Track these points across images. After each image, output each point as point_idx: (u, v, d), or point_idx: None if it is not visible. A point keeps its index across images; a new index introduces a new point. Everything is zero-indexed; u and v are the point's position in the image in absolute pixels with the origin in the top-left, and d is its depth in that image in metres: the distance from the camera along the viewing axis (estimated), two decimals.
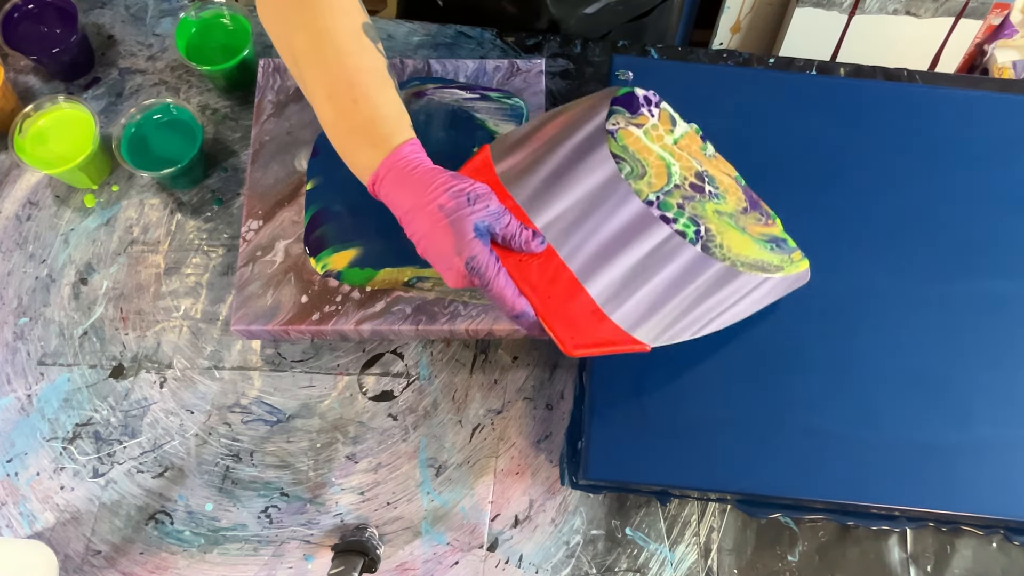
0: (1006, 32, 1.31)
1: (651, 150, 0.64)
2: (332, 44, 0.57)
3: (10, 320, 0.69)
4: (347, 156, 0.58)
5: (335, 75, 0.57)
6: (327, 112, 0.58)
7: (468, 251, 0.54)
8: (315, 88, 0.58)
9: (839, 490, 0.61)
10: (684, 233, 0.61)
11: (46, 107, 0.71)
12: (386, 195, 0.57)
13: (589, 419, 0.62)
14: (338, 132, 0.58)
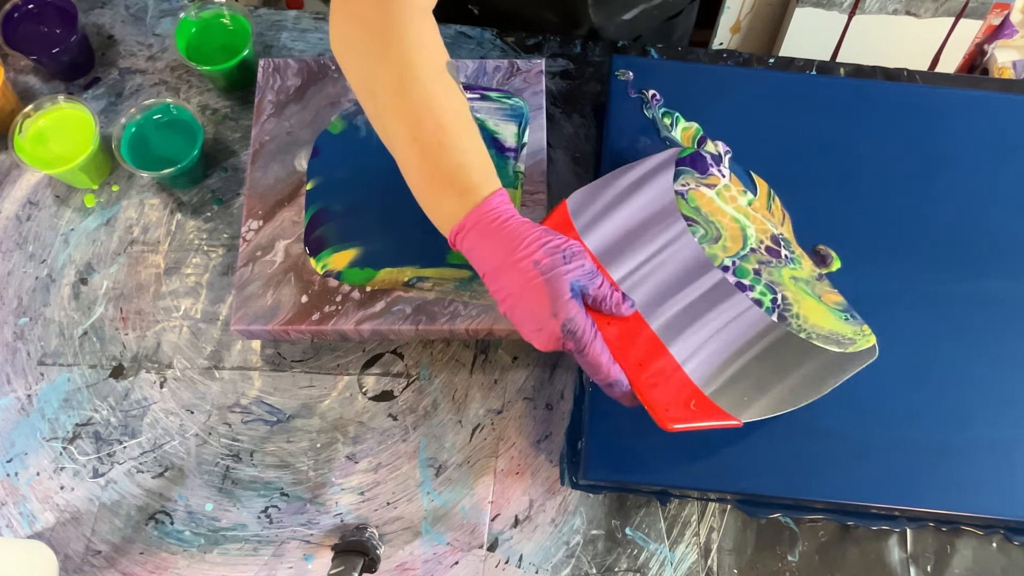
0: (1006, 32, 1.31)
1: (725, 212, 0.64)
2: (418, 82, 0.54)
3: (10, 320, 0.69)
4: (428, 202, 0.55)
5: (421, 116, 0.54)
6: (410, 155, 0.54)
7: (565, 312, 0.51)
8: (397, 128, 0.54)
9: (839, 490, 0.61)
10: (760, 302, 0.60)
11: (46, 107, 0.71)
12: (470, 248, 0.53)
13: (589, 419, 0.62)
14: (420, 176, 0.55)
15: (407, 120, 0.54)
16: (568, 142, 0.75)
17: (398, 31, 0.54)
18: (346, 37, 0.56)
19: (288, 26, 0.80)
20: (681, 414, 0.55)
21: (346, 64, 0.57)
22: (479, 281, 0.65)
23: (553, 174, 0.74)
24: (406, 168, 0.55)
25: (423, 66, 0.54)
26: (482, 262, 0.53)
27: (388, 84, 0.54)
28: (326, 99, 0.71)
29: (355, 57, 0.56)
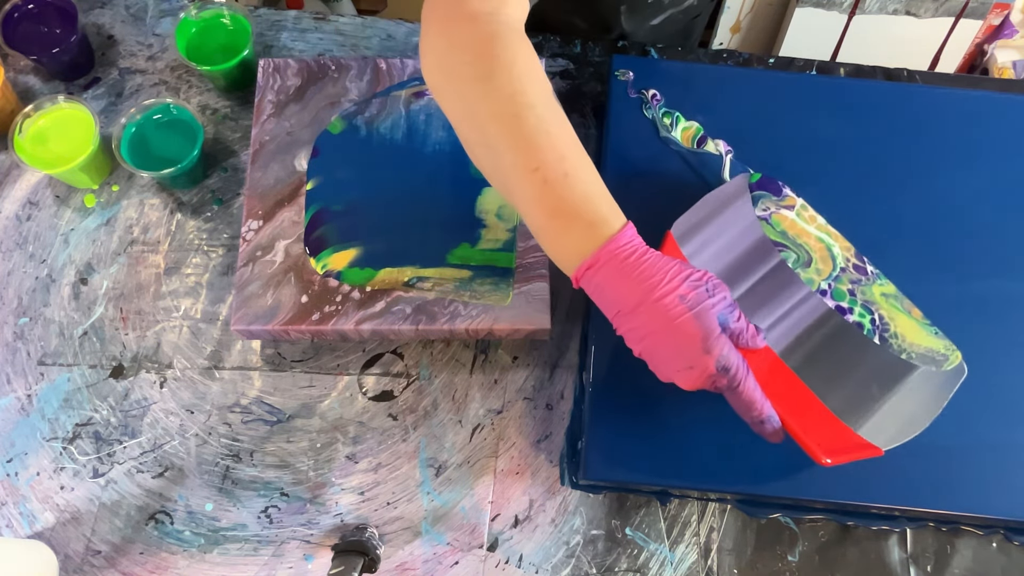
0: (1006, 32, 1.31)
1: (809, 233, 0.63)
2: (532, 109, 0.50)
3: (10, 320, 0.69)
4: (550, 236, 0.51)
5: (540, 144, 0.50)
6: (530, 185, 0.50)
7: (719, 348, 0.48)
8: (514, 158, 0.50)
9: (839, 490, 0.61)
10: (861, 324, 0.60)
11: (46, 107, 0.71)
12: (600, 285, 0.50)
13: (589, 419, 0.62)
14: (541, 208, 0.50)
15: (526, 149, 0.50)
16: None
17: (504, 56, 0.51)
18: (444, 62, 0.53)
19: (288, 26, 0.80)
20: (834, 447, 0.54)
21: (444, 90, 0.53)
22: (479, 281, 0.65)
23: None
24: (523, 199, 0.51)
25: (534, 92, 0.51)
26: (616, 301, 0.49)
27: (499, 111, 0.51)
28: (326, 99, 0.71)
29: (456, 83, 0.52)
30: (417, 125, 0.70)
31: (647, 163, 0.69)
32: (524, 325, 0.64)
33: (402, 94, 0.71)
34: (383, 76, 0.72)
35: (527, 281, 0.65)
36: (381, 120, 0.70)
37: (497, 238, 0.66)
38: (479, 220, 0.67)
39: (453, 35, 0.52)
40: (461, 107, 0.53)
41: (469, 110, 0.52)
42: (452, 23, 0.53)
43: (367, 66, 0.72)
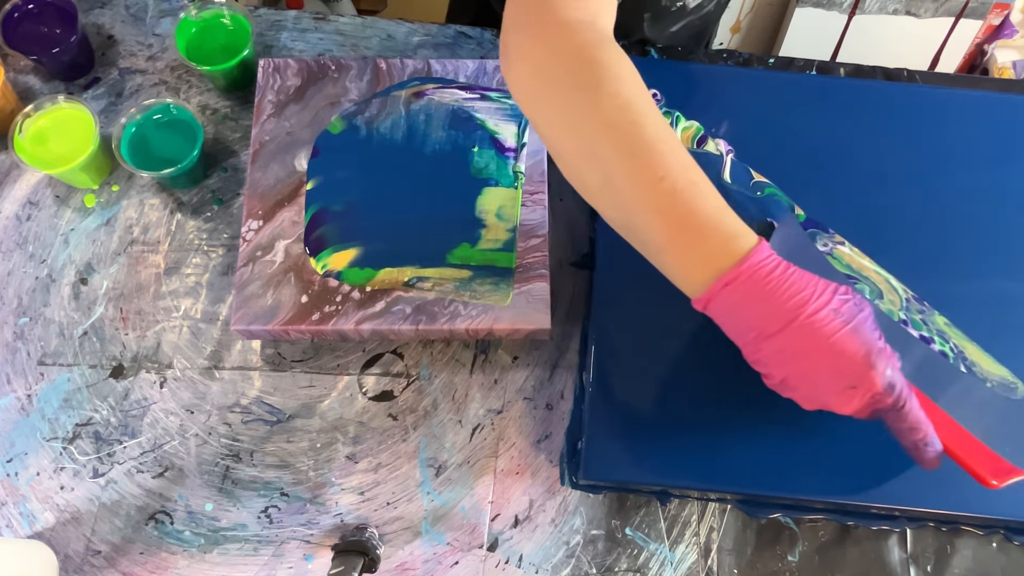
0: (1006, 32, 1.31)
1: (867, 266, 0.63)
2: (648, 117, 0.47)
3: (10, 320, 0.69)
4: (677, 249, 0.47)
5: (663, 153, 0.47)
6: (656, 196, 0.46)
7: (883, 362, 0.45)
8: (635, 167, 0.47)
9: (839, 490, 0.61)
10: (945, 353, 0.60)
11: (46, 107, 0.71)
12: (737, 305, 0.46)
13: (589, 419, 0.62)
14: (669, 221, 0.47)
15: (648, 157, 0.47)
16: None
17: (611, 64, 0.48)
18: (543, 69, 0.49)
19: (288, 26, 0.80)
20: (999, 469, 0.52)
21: (542, 99, 0.50)
22: (479, 281, 0.65)
23: (553, 174, 0.74)
24: (646, 210, 0.47)
25: (645, 101, 0.48)
26: (758, 322, 0.45)
27: (613, 119, 0.47)
28: (326, 99, 0.71)
29: (558, 91, 0.49)
30: (417, 125, 0.70)
31: None
32: (524, 325, 0.64)
33: (402, 94, 0.71)
34: (383, 76, 0.72)
35: (527, 281, 0.65)
36: (381, 120, 0.70)
37: (497, 238, 0.66)
38: (479, 220, 0.67)
39: (552, 42, 0.49)
40: (563, 116, 0.49)
41: (573, 119, 0.49)
42: (549, 29, 0.50)
43: (367, 66, 0.72)
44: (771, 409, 0.62)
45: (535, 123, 0.51)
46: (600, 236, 0.68)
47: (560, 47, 0.49)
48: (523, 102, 0.51)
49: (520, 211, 0.67)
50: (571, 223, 0.72)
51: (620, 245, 0.66)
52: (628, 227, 0.50)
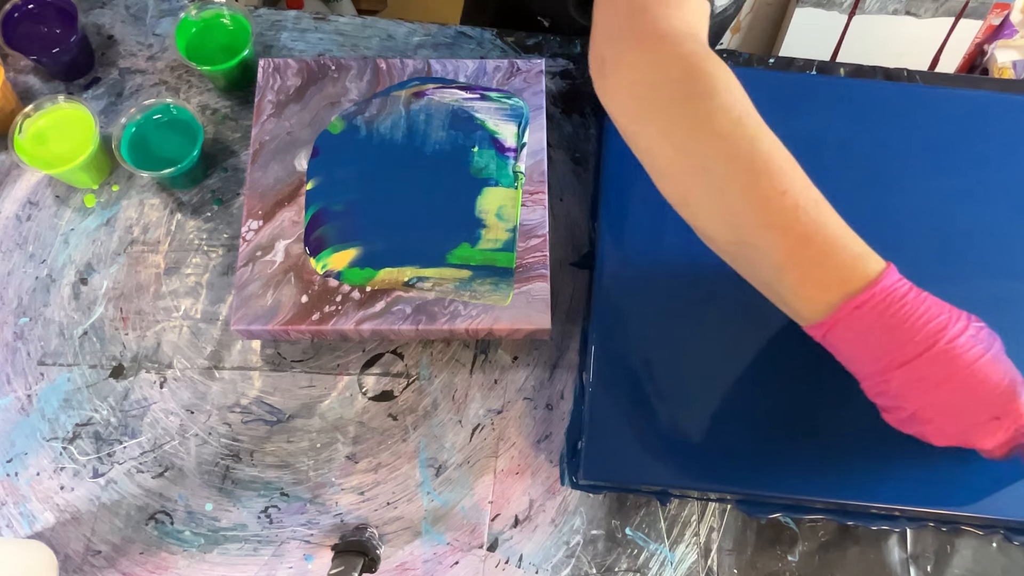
0: (1006, 32, 1.31)
1: None
2: (762, 132, 0.45)
3: (10, 320, 0.69)
4: (800, 269, 0.44)
5: (783, 168, 0.45)
6: (776, 212, 0.44)
7: None
8: (753, 181, 0.44)
9: (839, 490, 0.61)
10: None
11: (46, 107, 0.71)
12: (865, 331, 0.43)
13: (589, 419, 0.62)
14: (791, 238, 0.44)
15: (768, 171, 0.44)
16: (568, 142, 0.75)
17: (718, 76, 0.46)
18: (648, 79, 0.47)
19: (288, 26, 0.80)
20: None
21: (646, 110, 0.48)
22: (479, 281, 0.65)
23: (553, 174, 0.74)
24: (764, 226, 0.44)
25: (755, 114, 0.46)
26: (887, 350, 0.43)
27: (727, 132, 0.45)
28: (326, 99, 0.71)
29: (664, 102, 0.47)
30: (417, 125, 0.70)
31: None
32: (524, 325, 0.64)
33: (402, 94, 0.71)
34: (383, 76, 0.72)
35: (527, 281, 0.65)
36: (381, 120, 0.70)
37: (497, 238, 0.66)
38: (479, 220, 0.67)
39: (656, 53, 0.47)
40: (669, 129, 0.47)
41: (681, 132, 0.46)
42: (652, 40, 0.48)
43: (367, 66, 0.72)
44: (771, 409, 0.62)
45: (634, 135, 0.49)
46: (600, 236, 0.68)
47: (666, 58, 0.47)
48: (623, 114, 0.49)
49: (520, 211, 0.67)
50: (571, 223, 0.72)
51: (620, 245, 0.67)
52: (739, 245, 0.47)
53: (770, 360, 0.64)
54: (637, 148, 0.50)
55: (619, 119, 0.50)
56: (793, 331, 0.64)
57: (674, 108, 0.47)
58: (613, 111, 0.50)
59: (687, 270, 0.66)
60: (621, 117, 0.50)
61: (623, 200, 0.68)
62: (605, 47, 0.50)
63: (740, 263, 0.48)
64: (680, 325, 0.64)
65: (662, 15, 0.48)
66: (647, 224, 0.67)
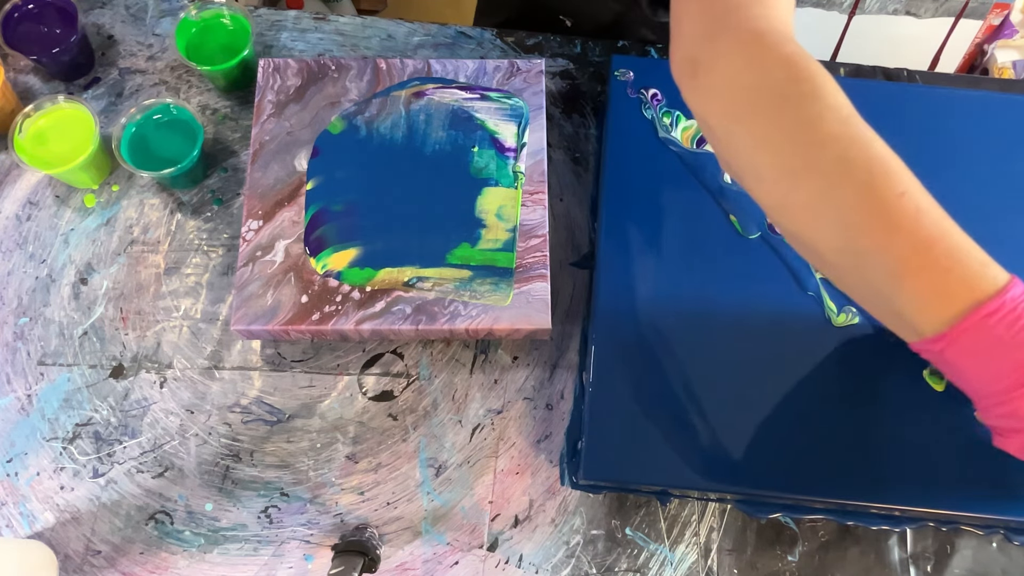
0: (1006, 32, 1.31)
1: None
2: (873, 133, 0.43)
3: (10, 320, 0.69)
4: (923, 277, 0.42)
5: (898, 170, 0.43)
6: (895, 214, 0.42)
7: None
8: (868, 183, 0.42)
9: (839, 490, 0.61)
10: None
11: (46, 107, 0.71)
12: (990, 346, 0.40)
13: (589, 419, 0.62)
14: (911, 242, 0.42)
15: (884, 173, 0.42)
16: (568, 142, 0.75)
17: (821, 77, 0.45)
18: (749, 80, 0.46)
19: (288, 26, 0.80)
20: None
21: (742, 113, 0.46)
22: (479, 281, 0.65)
23: (553, 174, 0.74)
24: (881, 229, 0.42)
25: (859, 116, 0.44)
26: (1017, 367, 0.40)
27: (839, 132, 0.43)
28: (326, 99, 0.71)
29: (764, 104, 0.45)
30: (417, 125, 0.70)
31: (647, 163, 0.69)
32: (524, 325, 0.64)
33: (402, 94, 0.71)
34: (383, 76, 0.72)
35: (527, 281, 0.65)
36: (381, 120, 0.70)
37: (497, 238, 0.66)
38: (479, 220, 0.67)
39: (756, 53, 0.46)
40: (771, 130, 0.45)
41: (785, 133, 0.45)
42: (750, 40, 0.47)
43: (367, 66, 0.72)
44: (771, 410, 0.62)
45: (730, 137, 0.47)
46: (600, 236, 0.68)
47: (767, 58, 0.46)
48: (718, 116, 0.47)
49: (520, 211, 0.67)
50: (571, 223, 0.72)
51: (620, 245, 0.67)
52: (848, 252, 0.44)
53: (770, 360, 0.64)
54: (732, 151, 0.48)
55: (713, 121, 0.48)
56: (793, 331, 0.64)
57: (779, 109, 0.45)
58: (706, 113, 0.48)
59: (687, 270, 0.66)
60: (716, 119, 0.48)
61: (623, 200, 0.68)
62: (697, 47, 0.48)
63: (846, 272, 0.46)
64: (680, 325, 0.64)
65: (758, 14, 0.47)
66: (647, 224, 0.67)
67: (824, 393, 0.63)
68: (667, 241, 0.67)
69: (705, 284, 0.65)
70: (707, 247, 0.66)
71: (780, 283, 0.65)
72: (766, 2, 0.48)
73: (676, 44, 0.50)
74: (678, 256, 0.66)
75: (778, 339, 0.64)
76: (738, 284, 0.65)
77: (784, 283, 0.65)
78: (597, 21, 0.81)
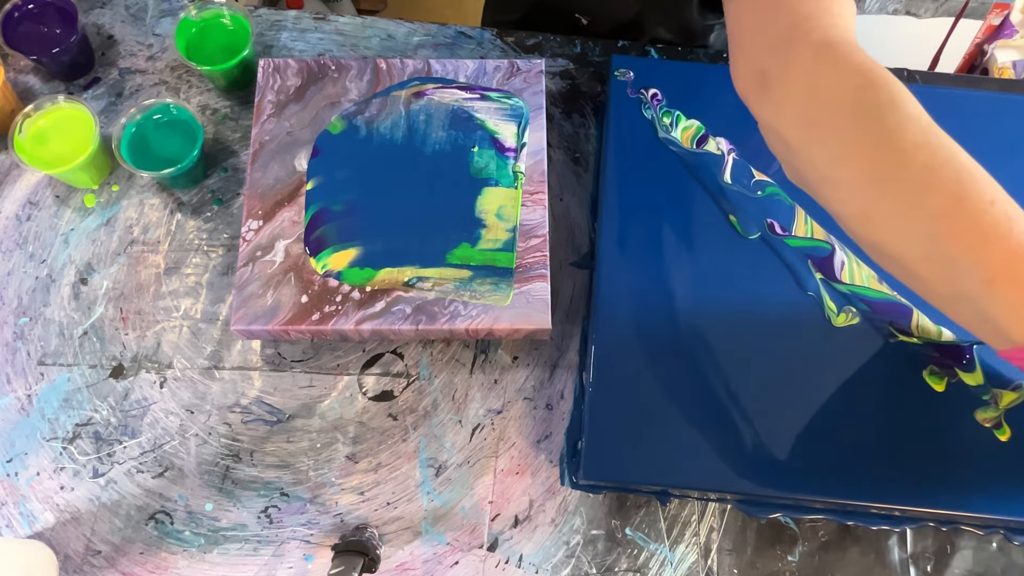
0: (1006, 32, 1.31)
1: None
2: (953, 141, 0.44)
3: (10, 320, 0.69)
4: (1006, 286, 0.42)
5: (983, 177, 0.43)
6: (987, 223, 0.42)
7: None
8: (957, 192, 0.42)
9: (839, 490, 0.61)
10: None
11: (46, 107, 0.71)
12: None
13: (589, 419, 0.62)
14: (1003, 250, 0.42)
15: (972, 181, 0.43)
16: (568, 142, 0.75)
17: (896, 82, 0.45)
18: (819, 90, 0.46)
19: (288, 26, 0.80)
20: None
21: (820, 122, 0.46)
22: (479, 281, 0.65)
23: (553, 174, 0.74)
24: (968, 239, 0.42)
25: (936, 124, 0.45)
26: None
27: (921, 141, 0.44)
28: (326, 99, 0.71)
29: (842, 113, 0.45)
30: (417, 125, 0.70)
31: (647, 163, 0.69)
32: (524, 325, 0.64)
33: (402, 94, 0.71)
34: (383, 76, 0.72)
35: (527, 281, 0.65)
36: (381, 120, 0.70)
37: (497, 238, 0.66)
38: (479, 220, 0.67)
39: (831, 62, 0.46)
40: (854, 138, 0.45)
41: (866, 141, 0.44)
42: (824, 49, 0.47)
43: (367, 66, 0.72)
44: (771, 410, 0.62)
45: (806, 148, 0.47)
46: (600, 236, 0.68)
47: (843, 67, 0.46)
48: (793, 126, 0.47)
49: (520, 211, 0.67)
50: (571, 223, 0.72)
51: (620, 245, 0.67)
52: (935, 260, 0.44)
53: (771, 360, 0.64)
54: (808, 162, 0.47)
55: (787, 133, 0.48)
56: (793, 331, 0.64)
57: (858, 118, 0.45)
58: (780, 124, 0.48)
59: (687, 270, 0.66)
60: (791, 130, 0.47)
61: (623, 200, 0.68)
62: (765, 59, 0.48)
63: (932, 280, 0.45)
64: (680, 325, 0.64)
65: (828, 23, 0.47)
66: (647, 224, 0.67)
67: (824, 393, 0.63)
68: (667, 241, 0.67)
69: (705, 284, 0.65)
70: (707, 247, 0.66)
71: (780, 283, 0.65)
72: (833, 12, 0.48)
73: (740, 58, 0.50)
74: (678, 256, 0.66)
75: (778, 339, 0.64)
76: (738, 284, 0.65)
77: (784, 283, 0.65)
78: (615, 20, 0.81)
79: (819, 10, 0.48)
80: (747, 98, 0.50)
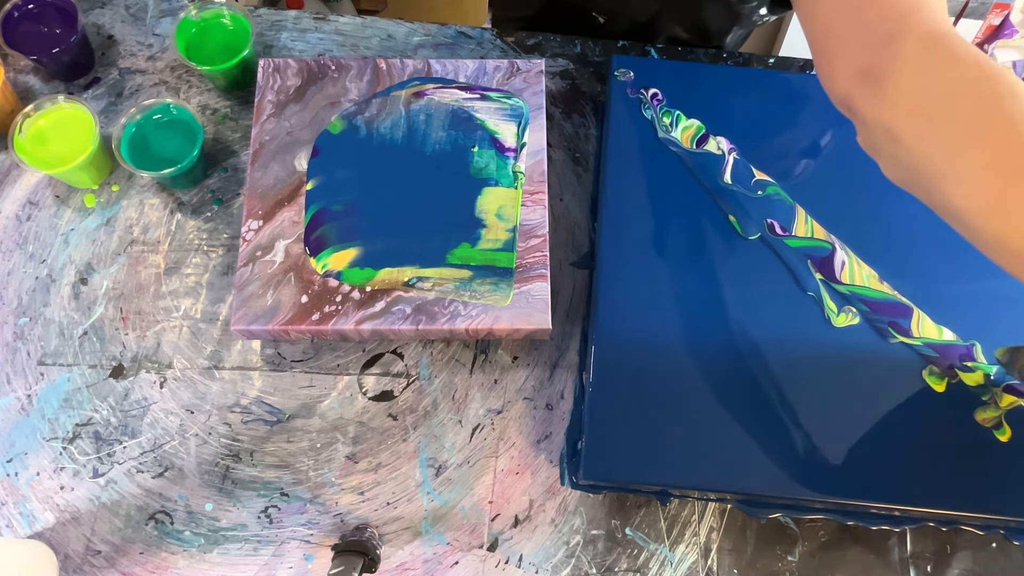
0: (1006, 32, 1.31)
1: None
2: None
3: (10, 320, 0.69)
4: None
5: None
6: None
7: None
8: None
9: (839, 490, 0.61)
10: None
11: (46, 107, 0.71)
12: None
13: (589, 419, 0.62)
14: None
15: None
16: (568, 142, 0.75)
17: (1008, 72, 0.45)
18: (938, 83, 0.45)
19: (288, 26, 0.80)
20: None
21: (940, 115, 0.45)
22: (479, 281, 0.65)
23: (553, 174, 0.74)
24: None
25: None
26: None
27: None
28: (326, 99, 0.71)
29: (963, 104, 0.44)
30: (417, 125, 0.70)
31: (647, 163, 0.69)
32: (524, 325, 0.64)
33: (402, 94, 0.71)
34: (383, 76, 0.72)
35: (527, 281, 0.65)
36: (381, 120, 0.70)
37: (497, 238, 0.66)
38: (479, 220, 0.67)
39: (942, 54, 0.45)
40: (978, 129, 0.44)
41: (993, 132, 0.43)
42: (933, 41, 0.46)
43: (367, 66, 0.72)
44: (771, 410, 0.62)
45: (922, 142, 0.46)
46: (600, 236, 0.68)
47: (955, 59, 0.45)
48: (908, 120, 0.46)
49: (520, 211, 0.67)
50: (571, 223, 0.72)
51: (620, 245, 0.67)
52: None
53: (771, 361, 0.64)
54: (924, 156, 0.45)
55: (901, 127, 0.46)
56: (793, 331, 0.64)
57: (978, 108, 0.44)
58: (892, 120, 0.46)
59: (687, 270, 0.66)
60: (905, 125, 0.46)
61: (623, 200, 0.68)
62: (869, 56, 0.47)
63: None
64: (680, 325, 0.64)
65: (931, 16, 0.47)
66: (647, 224, 0.67)
67: (824, 393, 0.63)
68: (667, 241, 0.67)
69: (705, 284, 0.65)
70: (707, 247, 0.66)
71: (780, 283, 0.65)
72: (932, 5, 0.47)
73: (838, 59, 0.49)
74: (678, 256, 0.66)
75: (778, 339, 0.64)
76: (738, 284, 0.65)
77: (784, 283, 0.66)
78: (632, 19, 0.81)
79: (919, 5, 0.47)
80: (851, 98, 0.49)
